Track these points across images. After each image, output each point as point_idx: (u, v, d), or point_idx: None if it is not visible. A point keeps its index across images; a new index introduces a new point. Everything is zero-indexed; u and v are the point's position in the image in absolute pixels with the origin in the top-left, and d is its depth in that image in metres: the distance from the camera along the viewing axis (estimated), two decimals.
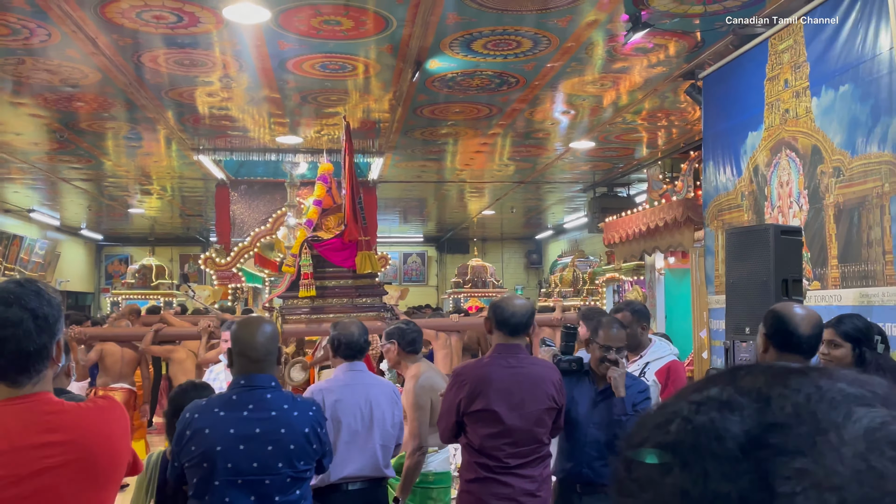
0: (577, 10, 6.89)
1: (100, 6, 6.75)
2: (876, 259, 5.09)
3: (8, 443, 1.92)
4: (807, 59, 5.90)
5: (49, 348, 2.01)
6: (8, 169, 14.08)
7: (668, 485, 0.55)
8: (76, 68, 8.42)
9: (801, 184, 5.98)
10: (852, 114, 5.33)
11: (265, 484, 2.76)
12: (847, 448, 0.51)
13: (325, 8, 6.84)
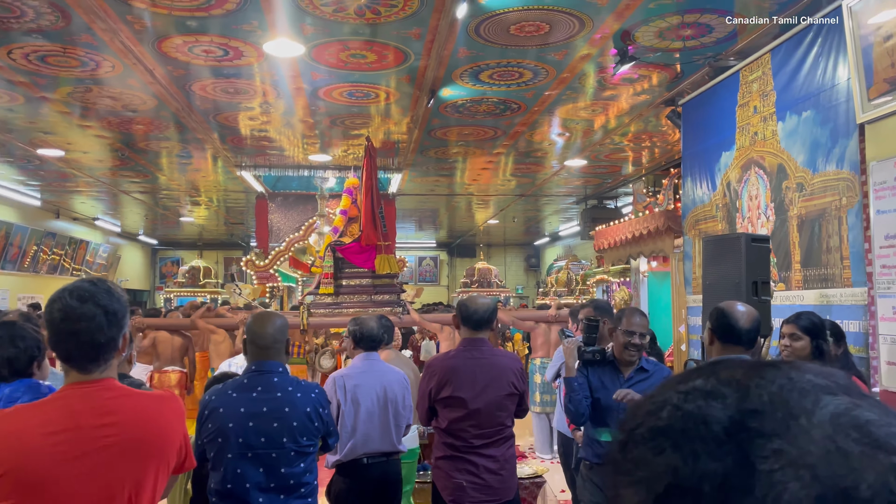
0: (572, 45, 6.96)
1: (157, 42, 6.87)
2: (834, 264, 5.09)
3: (74, 422, 1.94)
4: (773, 88, 5.93)
5: (117, 340, 2.02)
6: (76, 182, 14.12)
7: (660, 463, 0.54)
8: (136, 95, 8.50)
9: (769, 197, 6.01)
10: (814, 136, 5.35)
11: (272, 457, 2.72)
12: (816, 430, 0.50)
13: (352, 43, 6.93)
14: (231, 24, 6.46)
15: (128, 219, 19.76)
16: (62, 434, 1.92)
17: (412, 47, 7.05)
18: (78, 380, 2.00)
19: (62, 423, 1.93)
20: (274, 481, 2.74)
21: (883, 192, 4.18)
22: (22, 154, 11.55)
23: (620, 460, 0.59)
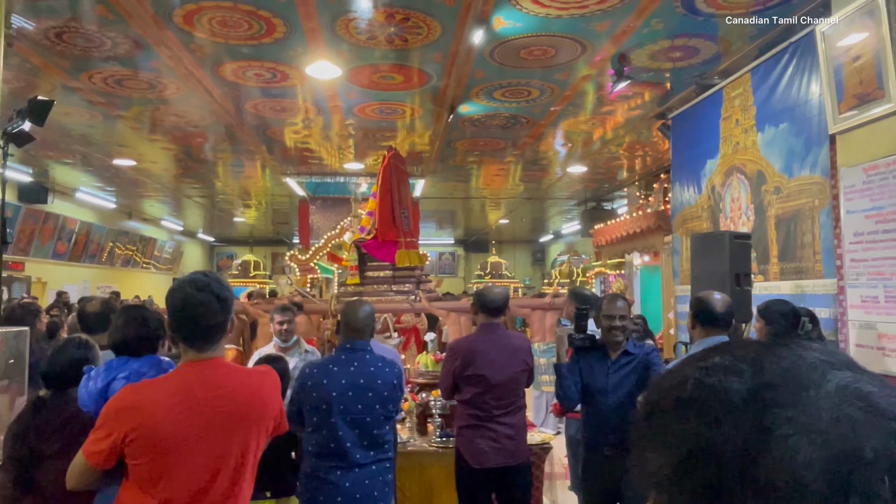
0: (574, 66, 6.95)
1: (215, 66, 6.92)
2: (808, 258, 5.08)
3: (191, 394, 1.99)
4: (753, 103, 5.87)
5: (226, 323, 2.08)
6: (146, 188, 14.25)
7: (685, 430, 0.54)
8: (196, 113, 8.58)
9: (749, 199, 5.96)
10: (789, 145, 5.32)
11: (366, 421, 2.80)
12: (825, 400, 0.50)
13: (382, 67, 6.94)
14: (278, 50, 6.49)
15: (189, 219, 19.95)
16: (182, 404, 1.97)
17: (434, 69, 7.05)
18: (194, 358, 2.05)
19: (182, 394, 1.99)
20: (367, 440, 2.82)
21: (852, 195, 4.13)
22: (100, 164, 11.68)
23: (646, 427, 0.59)
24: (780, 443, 0.49)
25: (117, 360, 2.39)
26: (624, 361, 3.41)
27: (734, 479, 0.50)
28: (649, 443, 0.58)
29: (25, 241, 13.40)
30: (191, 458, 1.96)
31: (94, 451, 1.93)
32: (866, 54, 3.93)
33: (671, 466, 0.54)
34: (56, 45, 6.34)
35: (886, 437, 0.48)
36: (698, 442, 0.53)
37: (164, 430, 1.93)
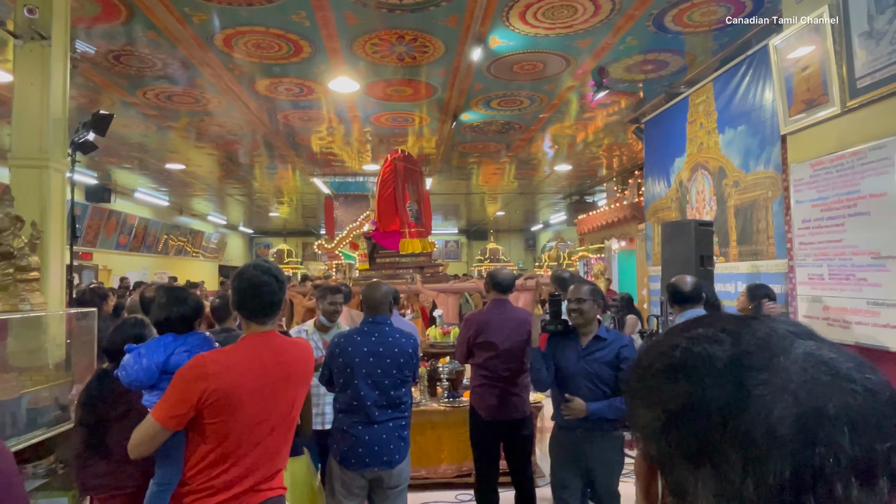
0: (559, 79, 6.92)
1: (251, 83, 6.91)
2: (762, 242, 5.08)
3: (259, 360, 2.02)
4: (715, 109, 5.83)
5: (282, 301, 2.10)
6: (194, 188, 14.30)
7: (674, 390, 0.54)
8: (236, 123, 8.58)
9: (712, 192, 5.93)
10: (746, 145, 5.30)
11: (385, 383, 2.81)
12: (794, 365, 0.51)
13: (394, 82, 6.92)
14: (305, 68, 6.48)
15: (231, 214, 19.97)
16: (254, 369, 2.00)
17: (439, 83, 7.02)
18: (257, 330, 2.07)
19: (253, 361, 2.01)
20: (385, 400, 2.82)
21: (800, 187, 4.10)
22: (154, 168, 11.71)
23: (638, 388, 0.59)
24: (757, 401, 0.50)
25: (169, 338, 2.36)
26: (595, 347, 3.08)
27: (717, 431, 0.50)
28: (641, 401, 0.58)
29: (93, 234, 13.47)
30: (256, 414, 1.98)
31: (171, 415, 1.89)
32: (813, 65, 3.90)
33: (661, 421, 0.55)
34: (115, 66, 6.34)
35: (846, 397, 0.49)
36: (686, 400, 0.53)
37: (240, 391, 1.94)
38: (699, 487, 0.51)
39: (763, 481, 0.48)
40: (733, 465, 0.49)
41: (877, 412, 0.49)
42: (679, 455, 0.53)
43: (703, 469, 0.51)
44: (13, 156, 3.40)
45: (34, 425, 2.86)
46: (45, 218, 3.37)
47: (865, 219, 3.46)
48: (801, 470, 0.47)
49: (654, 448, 0.56)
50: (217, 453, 1.94)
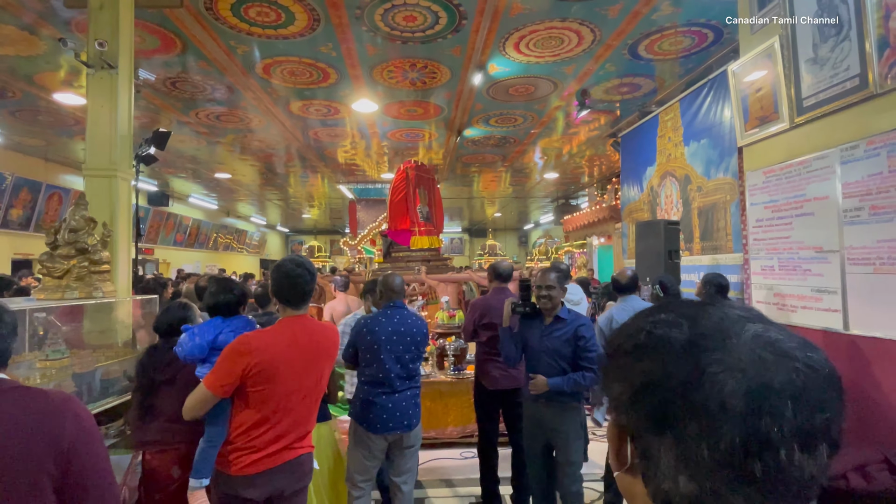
0: (548, 100, 6.90)
1: (286, 105, 6.91)
2: (722, 238, 5.06)
3: (295, 338, 2.03)
4: (682, 125, 5.82)
5: (313, 290, 2.11)
6: (238, 194, 14.32)
7: (639, 367, 0.54)
8: (274, 139, 8.59)
9: (678, 196, 5.91)
10: (708, 155, 5.27)
11: (405, 357, 2.79)
12: (744, 346, 0.50)
13: (407, 103, 6.92)
14: (332, 92, 6.48)
15: (270, 216, 20.02)
16: (291, 346, 2.01)
17: (446, 104, 7.01)
18: (293, 314, 2.09)
19: (290, 339, 2.02)
20: (405, 372, 2.80)
21: (755, 192, 4.07)
22: (205, 177, 11.75)
23: (610, 365, 0.59)
24: (710, 378, 0.49)
25: (218, 320, 2.36)
26: (556, 326, 2.94)
27: (676, 403, 0.50)
28: (613, 376, 0.57)
29: (154, 233, 13.54)
30: (290, 384, 1.99)
31: (220, 384, 1.91)
32: (766, 87, 3.86)
33: (629, 394, 0.54)
34: (171, 91, 6.35)
35: (790, 373, 0.49)
36: (649, 377, 0.52)
37: (277, 364, 1.95)
38: (662, 452, 0.51)
39: (716, 447, 0.47)
40: (691, 433, 0.49)
41: (817, 386, 0.49)
42: (645, 424, 0.53)
43: (665, 436, 0.50)
44: (87, 167, 3.42)
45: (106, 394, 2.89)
46: (114, 219, 3.39)
47: (810, 218, 3.44)
48: (750, 437, 0.47)
49: (624, 417, 0.56)
50: (257, 417, 1.96)
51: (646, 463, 0.53)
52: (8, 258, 9.26)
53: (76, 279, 3.02)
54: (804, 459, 0.47)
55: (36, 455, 1.17)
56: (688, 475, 0.49)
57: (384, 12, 4.60)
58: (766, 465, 0.46)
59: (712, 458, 0.47)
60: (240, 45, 5.16)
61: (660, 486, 0.51)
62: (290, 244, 25.19)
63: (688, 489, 0.49)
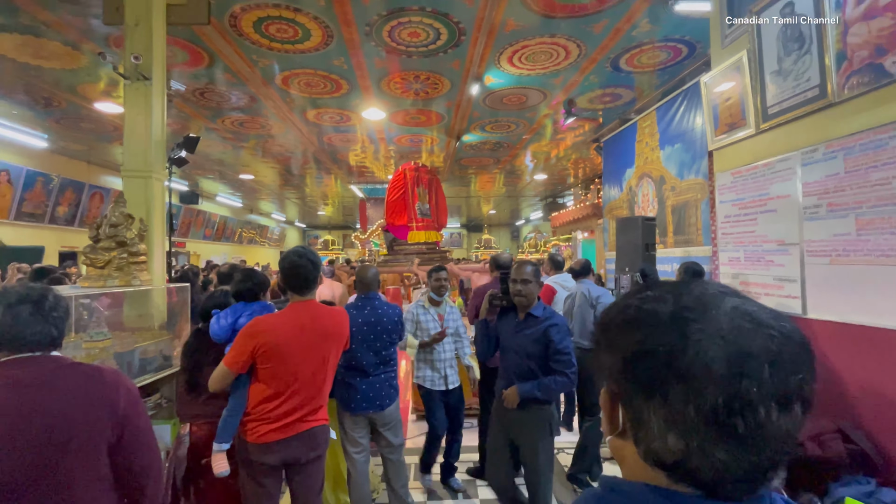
0: (537, 108, 6.86)
1: (303, 113, 6.87)
2: (693, 233, 5.02)
3: (299, 322, 2.00)
4: (658, 131, 5.76)
5: (316, 279, 2.06)
6: (261, 193, 14.27)
7: (629, 339, 0.54)
8: (292, 144, 8.53)
9: (654, 195, 5.87)
10: (681, 158, 5.22)
11: (377, 345, 2.67)
12: (724, 316, 0.50)
13: (412, 111, 6.87)
14: (344, 101, 6.43)
15: (289, 213, 19.99)
16: (295, 328, 1.97)
17: (446, 112, 6.96)
18: (299, 300, 2.05)
19: (294, 322, 1.99)
20: (378, 359, 2.70)
21: (723, 191, 4.05)
22: (230, 178, 11.71)
23: (602, 338, 0.58)
24: (695, 345, 0.49)
25: (239, 305, 2.38)
26: (528, 323, 2.48)
27: (664, 370, 0.50)
28: (605, 348, 0.57)
29: (185, 228, 13.52)
30: (298, 362, 1.97)
31: (235, 361, 1.93)
32: (734, 96, 3.83)
33: (620, 364, 0.54)
34: (200, 100, 6.32)
35: (766, 340, 0.49)
36: (639, 347, 0.52)
37: (283, 344, 1.94)
38: (652, 414, 0.51)
39: (702, 408, 0.47)
40: (678, 395, 0.49)
41: (790, 352, 0.49)
42: (635, 390, 0.52)
43: (654, 400, 0.50)
44: (125, 169, 3.40)
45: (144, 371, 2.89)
46: (149, 216, 3.37)
47: (773, 215, 3.42)
48: (731, 398, 0.47)
49: (616, 385, 0.55)
50: (270, 392, 1.96)
51: (637, 426, 0.53)
52: (56, 251, 9.25)
53: (116, 269, 3.02)
54: (781, 417, 0.47)
55: (99, 421, 1.23)
56: (676, 434, 0.49)
57: (391, 29, 4.56)
58: (746, 422, 0.46)
59: (698, 417, 0.48)
60: (261, 58, 5.12)
61: (650, 445, 0.51)
62: (306, 238, 25.19)
63: (676, 446, 0.49)
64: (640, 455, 0.53)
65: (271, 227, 20.37)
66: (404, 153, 9.49)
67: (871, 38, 2.60)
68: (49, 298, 1.27)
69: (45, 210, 8.85)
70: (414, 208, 7.57)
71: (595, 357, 0.59)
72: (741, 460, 0.47)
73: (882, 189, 2.60)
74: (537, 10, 4.29)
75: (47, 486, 1.14)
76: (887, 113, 2.58)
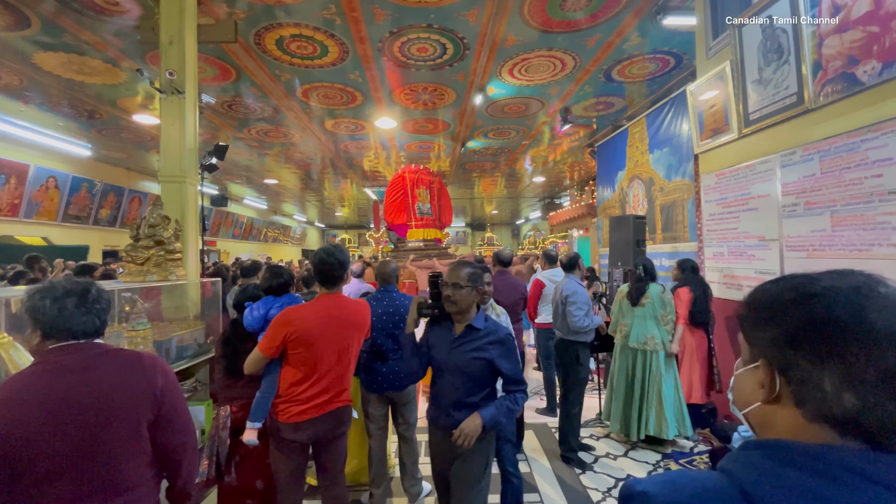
0: (536, 116, 6.83)
1: (322, 123, 6.89)
2: (680, 230, 4.99)
3: (326, 312, 2.00)
4: (647, 136, 5.71)
5: (343, 274, 2.06)
6: (284, 196, 14.30)
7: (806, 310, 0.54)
8: (311, 151, 8.55)
9: (644, 195, 5.82)
10: (669, 162, 5.18)
11: (395, 333, 2.68)
12: (890, 295, 0.52)
13: (420, 120, 6.86)
14: (359, 111, 6.44)
15: (309, 214, 20.03)
16: (323, 317, 1.98)
17: (452, 121, 6.95)
18: (326, 292, 2.06)
19: (322, 311, 2.00)
20: (395, 344, 2.71)
21: (708, 191, 4.02)
22: (256, 182, 11.76)
23: (764, 314, 0.57)
24: (875, 315, 0.50)
25: (269, 298, 2.41)
26: (467, 338, 1.79)
27: (846, 335, 0.50)
28: (764, 323, 0.57)
29: (216, 229, 13.62)
30: (325, 348, 1.98)
31: (269, 346, 1.94)
32: (718, 104, 3.80)
33: (787, 335, 0.54)
34: (228, 112, 6.36)
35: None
36: (816, 317, 0.52)
37: (312, 332, 1.94)
38: (825, 376, 0.51)
39: (882, 368, 0.48)
40: (858, 357, 0.49)
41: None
42: (805, 356, 0.52)
43: (829, 363, 0.51)
44: (162, 174, 3.45)
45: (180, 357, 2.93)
46: (184, 217, 3.41)
47: (754, 213, 3.40)
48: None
49: (778, 354, 0.55)
50: (299, 375, 1.98)
51: (803, 388, 0.53)
52: (99, 250, 9.37)
53: (154, 265, 3.06)
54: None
55: (138, 401, 1.25)
56: (852, 392, 0.50)
57: (401, 45, 4.56)
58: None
59: (878, 376, 0.49)
60: (283, 73, 5.14)
61: (821, 406, 0.51)
62: (325, 237, 25.26)
63: (851, 403, 0.50)
64: (806, 416, 0.53)
65: (293, 227, 20.45)
66: (414, 159, 9.48)
67: (844, 50, 2.58)
68: (92, 292, 1.28)
69: (89, 212, 8.97)
70: (413, 208, 7.47)
71: (749, 333, 0.59)
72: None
73: (855, 188, 2.58)
74: (535, 25, 4.28)
75: (94, 461, 1.16)
76: (859, 118, 2.55)
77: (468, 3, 3.91)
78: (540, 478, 3.00)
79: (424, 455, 3.35)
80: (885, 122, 2.40)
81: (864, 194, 2.51)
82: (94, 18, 3.98)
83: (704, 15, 3.98)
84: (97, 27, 4.11)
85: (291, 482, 2.03)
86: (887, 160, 2.40)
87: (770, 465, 0.52)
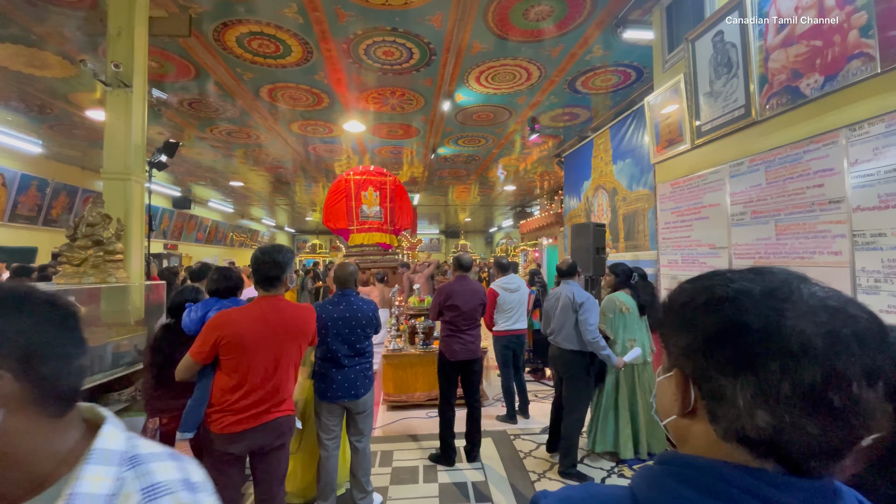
0: (506, 125, 6.87)
1: (289, 124, 6.73)
2: (641, 239, 5.06)
3: (263, 316, 1.92)
4: (611, 147, 5.82)
5: (281, 277, 1.98)
6: (251, 199, 13.93)
7: (714, 317, 0.49)
8: (279, 153, 8.35)
9: (608, 204, 5.91)
10: (631, 172, 5.27)
11: (351, 339, 2.60)
12: (811, 297, 0.48)
13: (391, 125, 6.80)
14: (326, 114, 6.33)
15: (278, 218, 19.58)
16: (257, 322, 1.91)
17: (422, 126, 6.91)
18: (264, 294, 1.98)
19: (257, 316, 1.92)
20: (352, 351, 2.63)
21: (664, 200, 4.10)
22: (222, 184, 11.41)
23: (677, 319, 0.53)
24: (791, 322, 0.45)
25: (213, 300, 2.32)
26: None
27: (757, 346, 0.46)
28: (679, 328, 0.52)
29: (178, 232, 13.11)
30: (260, 355, 1.90)
31: (199, 351, 1.85)
32: (673, 116, 3.89)
33: (700, 342, 0.49)
34: (189, 110, 6.14)
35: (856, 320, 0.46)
36: (727, 324, 0.48)
37: (245, 337, 1.87)
38: (738, 391, 0.46)
39: (799, 383, 0.44)
40: (772, 371, 0.45)
41: (875, 332, 0.46)
42: (717, 368, 0.48)
43: (742, 376, 0.46)
44: (105, 171, 3.26)
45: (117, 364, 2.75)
46: (127, 216, 3.22)
47: (706, 221, 3.47)
48: (829, 374, 0.44)
49: (692, 364, 0.50)
50: (232, 383, 1.88)
51: (716, 403, 0.48)
52: (48, 251, 8.85)
53: (92, 266, 2.87)
54: (868, 393, 0.45)
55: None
56: (766, 409, 0.45)
57: (366, 47, 4.50)
58: (842, 397, 0.44)
59: (794, 392, 0.44)
60: (245, 72, 4.99)
61: (734, 422, 0.47)
62: (295, 242, 24.80)
63: (765, 422, 0.45)
64: (718, 433, 0.49)
65: (261, 231, 19.94)
66: (386, 164, 9.38)
67: (789, 64, 2.67)
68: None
69: (38, 212, 8.47)
70: (356, 212, 7.21)
71: (665, 338, 0.54)
72: (832, 435, 0.44)
73: (797, 198, 2.66)
74: (500, 34, 4.30)
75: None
76: (802, 130, 2.64)
77: (433, 8, 3.89)
78: (494, 487, 2.94)
79: (378, 466, 3.24)
80: (826, 133, 2.49)
81: (806, 203, 2.59)
82: (42, 8, 3.75)
83: (661, 29, 4.09)
84: (47, 18, 3.87)
85: (227, 497, 1.90)
86: (828, 170, 2.48)
87: (669, 483, 0.48)
